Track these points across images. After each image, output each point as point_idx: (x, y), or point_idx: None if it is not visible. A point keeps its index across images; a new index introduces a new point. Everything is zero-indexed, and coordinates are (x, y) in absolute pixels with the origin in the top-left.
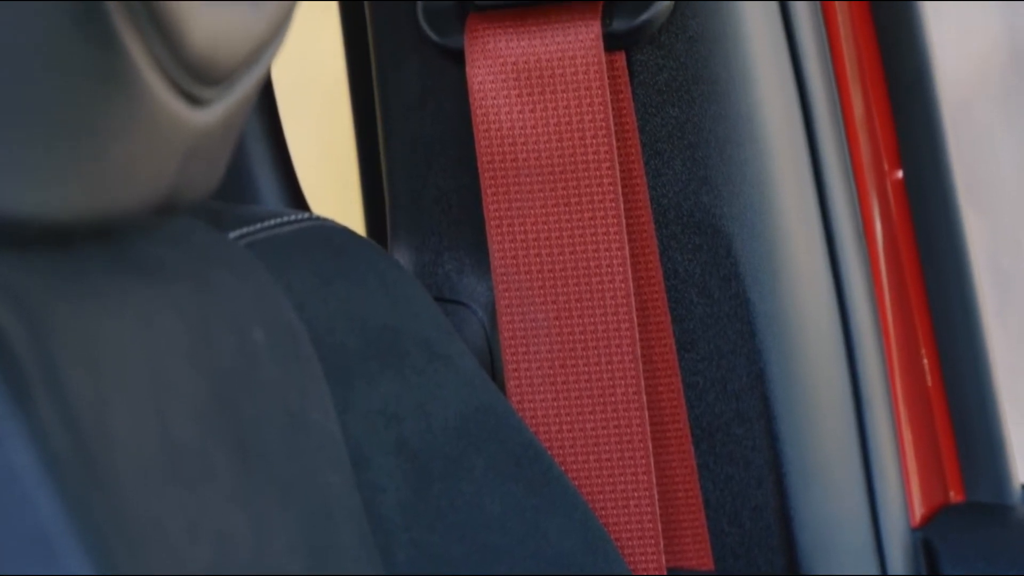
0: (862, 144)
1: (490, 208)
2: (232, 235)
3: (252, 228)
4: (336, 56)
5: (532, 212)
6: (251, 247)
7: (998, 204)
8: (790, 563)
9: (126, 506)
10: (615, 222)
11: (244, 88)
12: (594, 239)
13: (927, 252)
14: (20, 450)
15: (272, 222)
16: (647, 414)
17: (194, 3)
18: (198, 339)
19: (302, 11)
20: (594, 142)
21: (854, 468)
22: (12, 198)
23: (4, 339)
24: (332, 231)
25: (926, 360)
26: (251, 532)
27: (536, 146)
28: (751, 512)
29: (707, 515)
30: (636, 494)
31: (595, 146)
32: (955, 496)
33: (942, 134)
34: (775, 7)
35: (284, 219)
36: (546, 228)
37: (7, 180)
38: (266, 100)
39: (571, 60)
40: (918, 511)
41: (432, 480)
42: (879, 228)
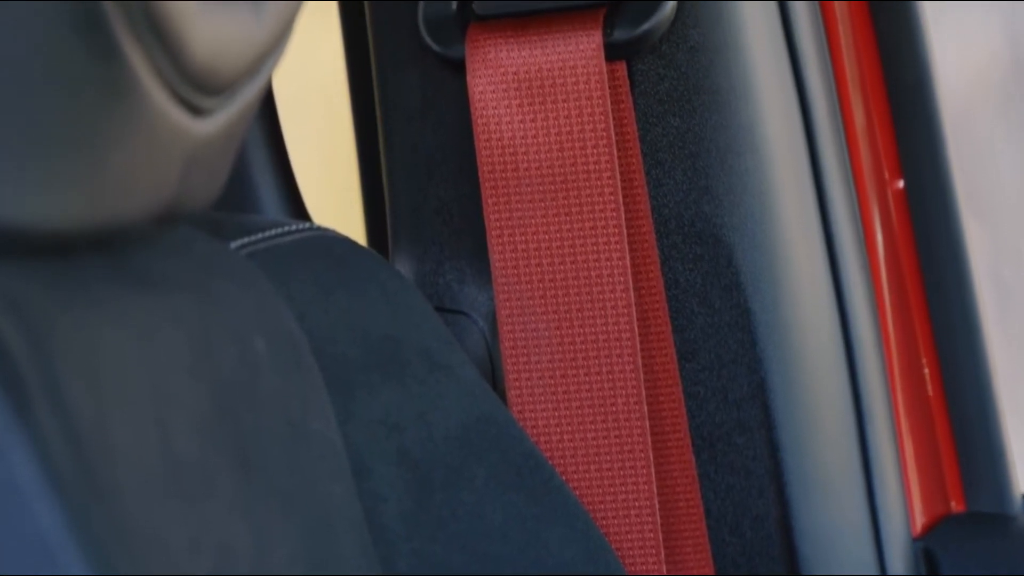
0: (863, 153)
1: (491, 218)
2: (233, 245)
3: (253, 238)
4: (337, 66)
5: (533, 222)
6: (252, 257)
7: (999, 213)
8: (791, 573)
9: (127, 518)
10: (616, 232)
11: (245, 98)
12: (595, 249)
13: (928, 261)
14: (20, 462)
15: (273, 232)
16: (648, 424)
17: (195, 13)
18: (199, 349)
19: (303, 20)
20: (595, 152)
21: (855, 477)
22: (13, 207)
23: (4, 349)
24: (333, 241)
25: (927, 369)
26: (252, 543)
27: (537, 156)
28: (752, 522)
29: (708, 525)
30: (637, 504)
31: (596, 156)
32: (956, 506)
33: (943, 143)
34: (776, 17)
35: (285, 229)
36: (547, 238)
37: (8, 189)
38: (267, 109)
39: (572, 70)
40: (919, 521)
41: (433, 490)
42: (880, 237)
